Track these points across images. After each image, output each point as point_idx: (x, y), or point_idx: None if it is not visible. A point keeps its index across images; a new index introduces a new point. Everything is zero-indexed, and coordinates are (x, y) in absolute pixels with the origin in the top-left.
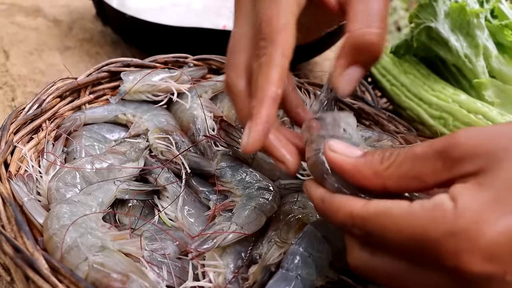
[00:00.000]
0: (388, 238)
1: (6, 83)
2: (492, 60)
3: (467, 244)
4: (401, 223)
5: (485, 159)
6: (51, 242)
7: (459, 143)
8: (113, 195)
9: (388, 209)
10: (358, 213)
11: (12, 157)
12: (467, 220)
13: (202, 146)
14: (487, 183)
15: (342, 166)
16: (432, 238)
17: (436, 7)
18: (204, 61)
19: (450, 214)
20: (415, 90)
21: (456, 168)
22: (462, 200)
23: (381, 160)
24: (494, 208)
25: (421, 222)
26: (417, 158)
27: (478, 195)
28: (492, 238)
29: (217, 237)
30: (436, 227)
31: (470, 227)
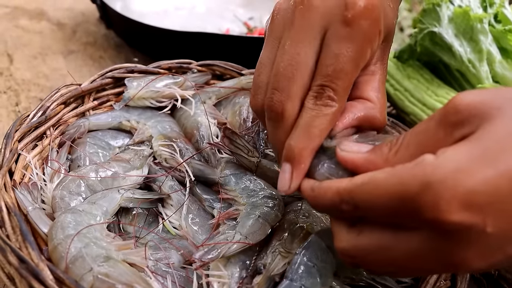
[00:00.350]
0: (374, 203)
1: (10, 88)
2: (496, 65)
3: (444, 193)
4: (384, 185)
5: (479, 119)
6: (56, 252)
7: (455, 107)
8: (118, 204)
9: (372, 176)
10: (345, 188)
11: (16, 165)
12: (446, 170)
13: (206, 153)
14: (474, 138)
15: (354, 162)
16: (412, 192)
17: (440, 12)
18: (207, 66)
19: (429, 166)
20: (418, 95)
21: (456, 132)
22: (445, 153)
23: (389, 148)
24: (476, 160)
25: (402, 179)
26: (421, 133)
27: (462, 149)
28: (471, 187)
29: (221, 247)
30: (414, 181)
31: (448, 176)
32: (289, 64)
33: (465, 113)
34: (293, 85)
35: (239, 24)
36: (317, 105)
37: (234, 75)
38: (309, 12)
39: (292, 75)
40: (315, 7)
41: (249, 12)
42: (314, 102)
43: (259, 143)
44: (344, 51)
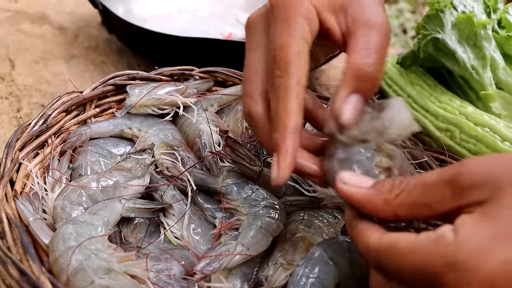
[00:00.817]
0: (398, 271)
1: (12, 93)
2: (499, 71)
3: (466, 275)
4: (408, 257)
5: (491, 188)
6: (57, 264)
7: (467, 171)
8: (119, 214)
9: (396, 243)
10: (372, 246)
11: (18, 175)
12: (467, 252)
13: (208, 162)
14: (491, 214)
15: (352, 198)
16: (435, 271)
17: (443, 18)
18: (210, 73)
19: (451, 246)
20: (421, 102)
21: (464, 197)
22: (464, 231)
23: (390, 189)
24: (495, 240)
25: (425, 255)
26: (427, 186)
27: (480, 227)
28: (491, 269)
29: (223, 259)
30: (438, 260)
31: (470, 258)
32: (245, 72)
33: (476, 180)
34: (251, 86)
35: (241, 28)
36: (272, 91)
37: (236, 81)
38: (248, 27)
39: (248, 78)
40: (251, 20)
41: None
42: (270, 89)
43: (261, 151)
44: (276, 31)
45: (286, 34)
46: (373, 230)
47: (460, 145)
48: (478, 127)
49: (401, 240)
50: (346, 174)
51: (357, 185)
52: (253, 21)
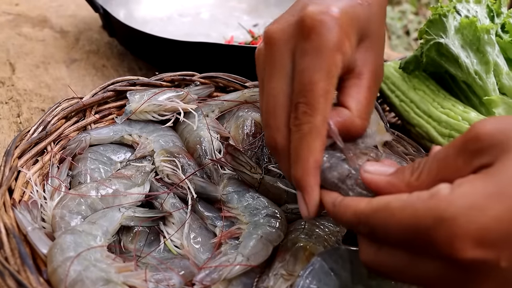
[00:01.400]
0: (389, 231)
1: (12, 98)
2: (503, 76)
3: (458, 230)
4: (399, 214)
5: (498, 150)
6: (55, 275)
7: (476, 135)
8: (118, 223)
9: (387, 203)
10: (362, 211)
11: (16, 183)
12: (459, 207)
13: (208, 169)
14: (491, 173)
15: (378, 184)
16: (426, 226)
17: (446, 22)
18: (211, 79)
19: (444, 201)
20: (424, 107)
21: (475, 161)
22: (460, 188)
23: (411, 172)
24: (490, 197)
25: (417, 211)
26: (441, 160)
27: (477, 185)
28: (484, 224)
29: (222, 269)
30: (429, 215)
31: (461, 213)
32: (268, 100)
33: (485, 142)
34: (277, 118)
35: (243, 31)
36: (297, 125)
37: (237, 87)
38: (272, 45)
39: (273, 109)
40: (276, 38)
41: (254, 19)
42: (294, 123)
43: (262, 158)
44: (308, 64)
45: (320, 70)
46: (361, 198)
47: None
48: None
49: (393, 200)
50: (369, 164)
51: (381, 173)
52: (277, 39)
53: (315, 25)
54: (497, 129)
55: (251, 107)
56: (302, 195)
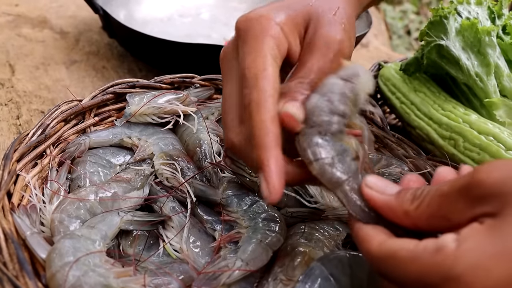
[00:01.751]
0: (398, 279)
1: (11, 100)
2: (504, 79)
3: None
4: (407, 266)
5: (503, 200)
6: (53, 280)
7: (480, 181)
8: (117, 227)
9: (395, 252)
10: (373, 253)
11: (15, 186)
12: (465, 266)
13: (208, 172)
14: (498, 228)
15: (376, 203)
16: (432, 282)
17: (447, 24)
18: (211, 81)
19: (450, 258)
20: (425, 109)
21: (477, 208)
22: (466, 244)
23: (412, 200)
24: (495, 257)
25: (424, 266)
26: (444, 197)
27: (483, 241)
28: (488, 286)
29: (222, 274)
30: (436, 271)
31: (466, 273)
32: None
33: (488, 190)
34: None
35: None
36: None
37: None
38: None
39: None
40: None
41: None
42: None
43: None
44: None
45: (253, 53)
46: (375, 235)
47: (464, 153)
48: (482, 135)
49: (400, 249)
50: (373, 178)
51: (381, 191)
52: (225, 52)
53: (243, 23)
54: (501, 178)
55: None
56: (261, 176)
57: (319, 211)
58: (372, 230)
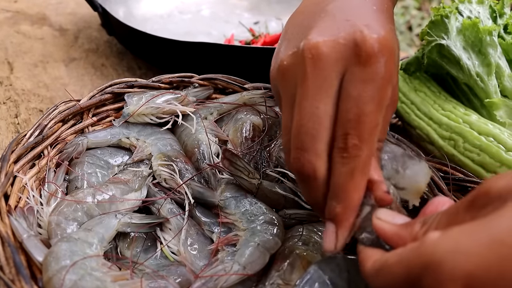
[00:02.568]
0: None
1: (10, 98)
2: (505, 79)
3: (443, 275)
4: (395, 269)
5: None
6: (50, 284)
7: (486, 191)
8: (115, 229)
9: (386, 260)
10: (368, 272)
11: (12, 188)
12: (444, 252)
13: (206, 174)
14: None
15: (385, 233)
16: (415, 274)
17: (448, 24)
18: (210, 80)
19: (431, 245)
20: (425, 109)
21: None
22: (448, 232)
23: (421, 226)
24: (478, 242)
25: (409, 262)
26: (451, 215)
27: (467, 228)
28: (468, 270)
29: (219, 279)
30: (418, 262)
31: (446, 258)
32: (310, 120)
33: (493, 196)
34: (319, 142)
35: (244, 29)
36: (345, 158)
37: (236, 89)
38: (320, 61)
39: (316, 132)
40: (326, 54)
41: (254, 16)
42: (341, 155)
43: (261, 162)
44: (362, 93)
45: (373, 102)
46: (371, 255)
47: (464, 154)
48: (482, 136)
49: (391, 255)
50: (382, 211)
51: (390, 222)
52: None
53: (374, 53)
54: (506, 183)
55: (250, 110)
56: (335, 228)
57: None
58: (371, 251)
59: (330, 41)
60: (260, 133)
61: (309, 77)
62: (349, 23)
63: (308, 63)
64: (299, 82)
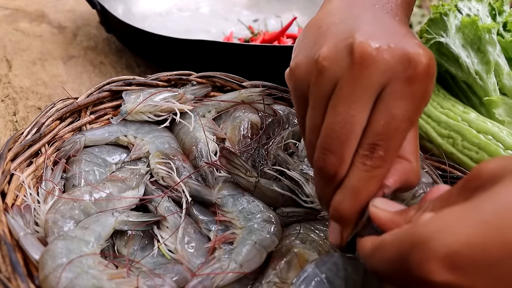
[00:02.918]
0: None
1: (8, 96)
2: (504, 77)
3: (429, 253)
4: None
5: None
6: (46, 282)
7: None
8: (111, 228)
9: (382, 240)
10: (366, 253)
11: (9, 186)
12: (432, 229)
13: (203, 172)
14: (476, 199)
15: (380, 220)
16: (405, 252)
17: (447, 21)
18: (208, 78)
19: (421, 225)
20: None
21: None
22: (439, 213)
23: (416, 212)
24: (465, 220)
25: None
26: (444, 200)
27: (457, 209)
28: (453, 248)
29: (215, 277)
30: (408, 241)
31: (433, 235)
32: (343, 127)
33: (484, 178)
34: (347, 149)
35: (243, 27)
36: (367, 165)
37: (234, 87)
38: (368, 69)
39: (346, 138)
40: (376, 63)
41: (254, 14)
42: (363, 162)
43: (258, 160)
44: (402, 109)
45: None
46: (369, 240)
47: (462, 152)
48: (481, 134)
49: (387, 235)
50: (378, 199)
51: (386, 209)
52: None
53: (425, 74)
54: (498, 166)
55: (248, 108)
56: (340, 228)
57: (315, 211)
58: (369, 237)
59: (384, 50)
60: (258, 131)
61: (352, 82)
62: (397, 37)
63: (356, 67)
64: (340, 83)
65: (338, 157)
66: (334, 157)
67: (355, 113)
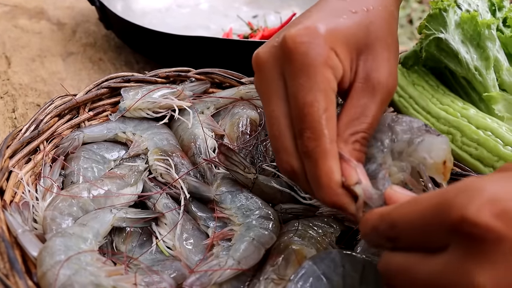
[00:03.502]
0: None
1: (7, 93)
2: (503, 72)
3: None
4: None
5: None
6: (44, 279)
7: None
8: (110, 224)
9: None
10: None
11: (8, 183)
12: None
13: (202, 168)
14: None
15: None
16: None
17: (447, 17)
18: (206, 75)
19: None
20: (423, 103)
21: None
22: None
23: None
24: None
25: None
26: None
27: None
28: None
29: (213, 274)
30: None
31: (480, 184)
32: (271, 124)
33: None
34: (284, 141)
35: (242, 23)
36: (306, 152)
37: (233, 83)
38: (260, 69)
39: (278, 132)
40: (262, 61)
41: (253, 10)
42: (303, 151)
43: (257, 157)
44: (298, 86)
45: (313, 89)
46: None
47: (462, 148)
48: (480, 130)
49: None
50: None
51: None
52: (264, 62)
53: (296, 45)
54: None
55: (247, 104)
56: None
57: (314, 207)
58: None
59: (266, 48)
60: (256, 128)
61: (258, 85)
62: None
63: (255, 73)
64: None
65: (283, 152)
66: (281, 154)
67: (273, 107)
